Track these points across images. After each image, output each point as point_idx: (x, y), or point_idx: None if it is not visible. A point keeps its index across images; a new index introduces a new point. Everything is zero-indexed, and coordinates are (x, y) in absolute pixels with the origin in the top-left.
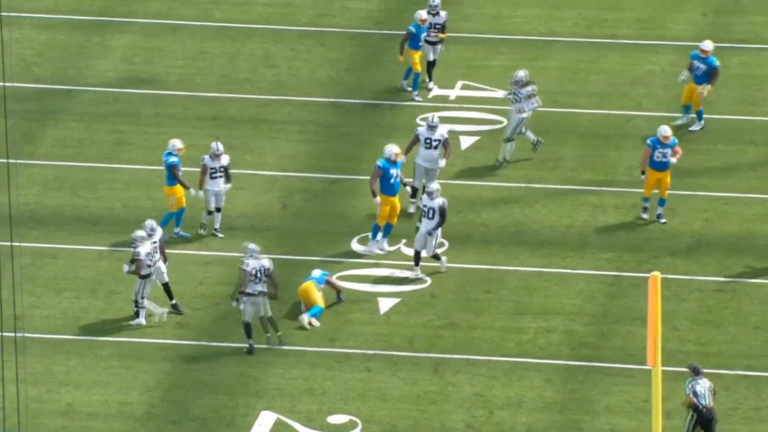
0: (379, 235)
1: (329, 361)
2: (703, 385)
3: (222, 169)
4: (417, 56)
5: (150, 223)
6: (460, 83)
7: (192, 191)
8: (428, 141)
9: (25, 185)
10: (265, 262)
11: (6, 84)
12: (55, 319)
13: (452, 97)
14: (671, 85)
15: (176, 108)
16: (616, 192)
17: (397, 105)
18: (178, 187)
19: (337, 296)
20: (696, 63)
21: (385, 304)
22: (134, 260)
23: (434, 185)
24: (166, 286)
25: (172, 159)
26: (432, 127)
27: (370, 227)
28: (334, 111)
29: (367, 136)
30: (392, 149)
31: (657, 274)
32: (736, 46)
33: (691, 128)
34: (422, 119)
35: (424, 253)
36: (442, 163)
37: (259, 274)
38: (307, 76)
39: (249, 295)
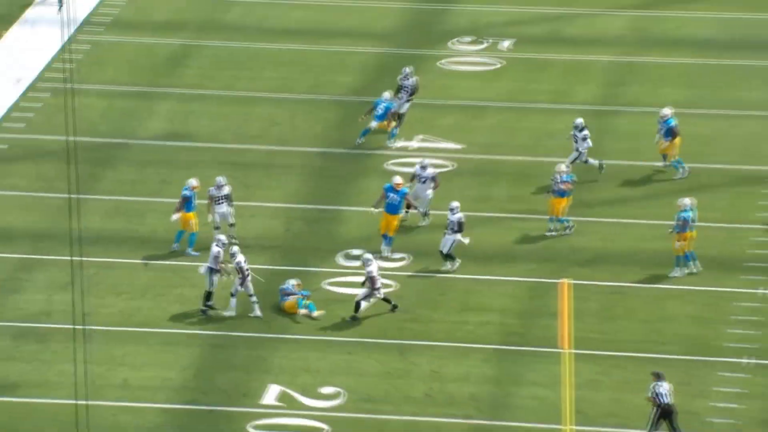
0: (384, 245)
1: (321, 346)
2: (664, 387)
3: (224, 197)
4: (381, 125)
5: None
6: (419, 136)
7: (210, 217)
8: (422, 178)
9: (91, 214)
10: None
11: (76, 138)
12: (115, 315)
13: (413, 147)
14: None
15: (205, 156)
16: (536, 218)
17: (372, 153)
18: (192, 214)
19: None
20: (659, 125)
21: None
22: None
23: (455, 203)
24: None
25: (185, 192)
26: (423, 167)
27: (353, 246)
28: (324, 158)
29: (349, 177)
30: (395, 179)
31: (566, 280)
32: (624, 109)
33: (676, 177)
34: (417, 162)
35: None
36: (431, 193)
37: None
38: (303, 132)
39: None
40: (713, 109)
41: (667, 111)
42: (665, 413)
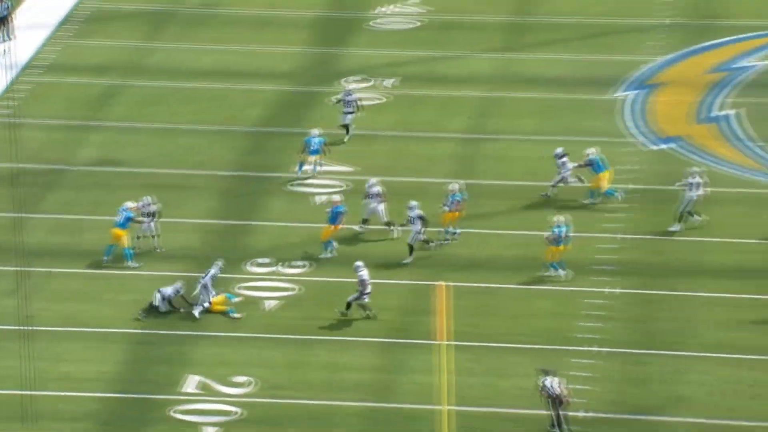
0: (327, 249)
1: (234, 341)
2: (552, 381)
3: (151, 214)
4: (312, 158)
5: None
6: (318, 161)
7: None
8: (370, 195)
9: (35, 230)
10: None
11: (20, 165)
12: (56, 317)
13: (312, 171)
14: (448, 161)
15: (133, 180)
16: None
17: (276, 176)
18: (123, 231)
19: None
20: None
21: (269, 304)
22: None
23: (413, 203)
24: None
25: (125, 213)
26: (371, 186)
27: (259, 256)
28: (235, 180)
29: (256, 196)
30: (333, 197)
31: (442, 282)
32: (489, 137)
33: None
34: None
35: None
36: (382, 207)
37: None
38: (217, 159)
39: None
40: (563, 136)
41: (591, 150)
42: (554, 402)
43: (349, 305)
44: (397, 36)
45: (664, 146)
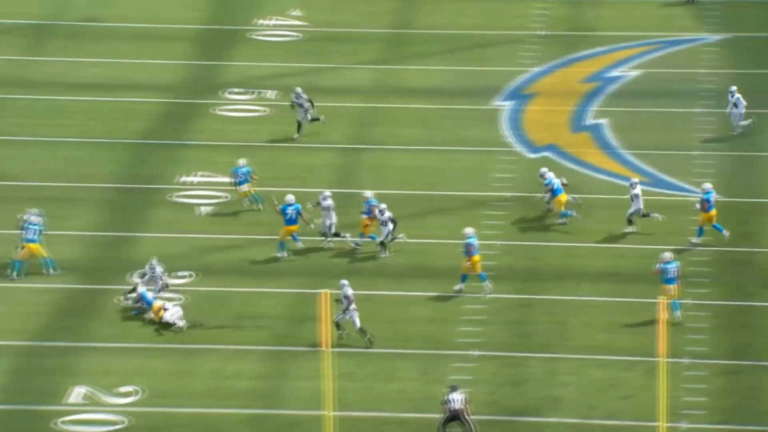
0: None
1: (119, 351)
2: (455, 396)
3: (36, 225)
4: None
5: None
6: (199, 173)
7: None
8: (324, 206)
9: None
10: None
11: None
12: None
13: (194, 182)
14: (327, 171)
15: (16, 193)
16: (303, 239)
17: (160, 188)
18: (35, 245)
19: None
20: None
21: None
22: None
23: (383, 205)
24: None
25: (35, 227)
26: (325, 198)
27: (141, 267)
28: (120, 192)
29: (139, 208)
30: (289, 198)
31: (326, 290)
32: (370, 147)
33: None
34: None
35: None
36: (334, 216)
37: None
38: (100, 171)
39: None
40: (443, 146)
41: (549, 174)
42: (453, 416)
43: (338, 325)
44: (278, 48)
45: (540, 155)
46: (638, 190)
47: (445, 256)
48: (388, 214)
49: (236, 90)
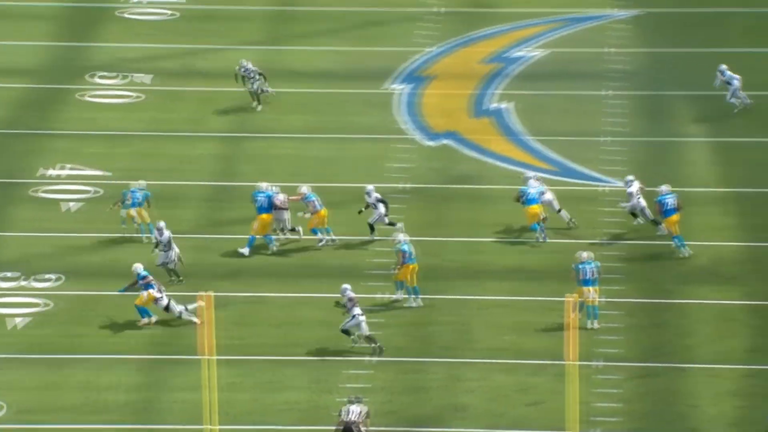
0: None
1: None
2: (352, 408)
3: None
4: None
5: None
6: (67, 165)
7: None
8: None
9: None
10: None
11: None
12: None
13: (62, 176)
14: (206, 162)
15: None
16: (180, 237)
17: (22, 182)
18: None
19: None
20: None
21: (17, 322)
22: None
23: (370, 187)
24: None
25: None
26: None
27: (7, 268)
28: None
29: (0, 205)
30: (278, 196)
31: (209, 292)
32: (253, 135)
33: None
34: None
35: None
36: (287, 214)
37: None
38: None
39: None
40: (333, 134)
41: (533, 182)
42: (346, 429)
43: (347, 332)
44: (150, 27)
45: (439, 142)
46: (634, 188)
47: (336, 255)
48: (375, 195)
49: (105, 74)
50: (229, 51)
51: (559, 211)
